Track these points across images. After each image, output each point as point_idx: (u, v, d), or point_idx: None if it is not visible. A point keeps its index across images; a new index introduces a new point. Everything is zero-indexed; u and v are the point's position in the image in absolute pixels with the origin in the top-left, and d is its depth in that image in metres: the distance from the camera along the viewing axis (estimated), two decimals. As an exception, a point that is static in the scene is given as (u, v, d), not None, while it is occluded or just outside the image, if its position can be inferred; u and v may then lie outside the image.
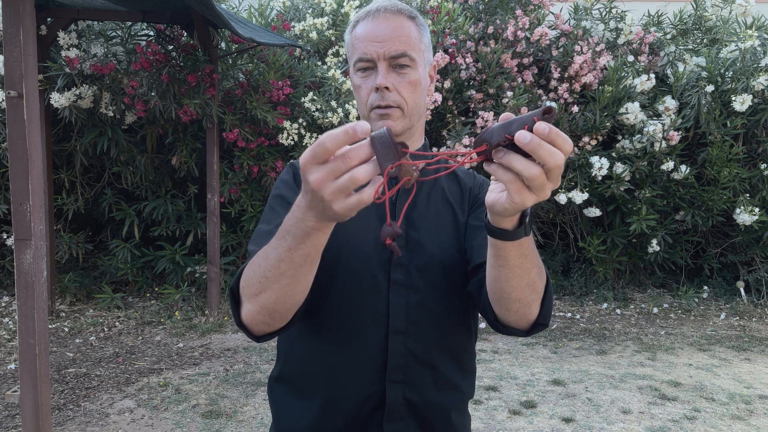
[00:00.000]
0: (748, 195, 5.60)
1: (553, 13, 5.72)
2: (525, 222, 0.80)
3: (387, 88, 1.04)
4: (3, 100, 4.52)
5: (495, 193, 0.75)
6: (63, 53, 4.43)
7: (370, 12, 1.07)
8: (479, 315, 1.10)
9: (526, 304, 0.91)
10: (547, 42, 5.35)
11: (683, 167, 5.45)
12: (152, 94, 4.70)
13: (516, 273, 0.85)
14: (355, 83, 1.09)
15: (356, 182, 0.64)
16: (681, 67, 5.68)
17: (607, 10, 5.87)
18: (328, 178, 0.65)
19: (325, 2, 5.49)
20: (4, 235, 5.32)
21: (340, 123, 4.90)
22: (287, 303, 0.86)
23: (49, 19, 4.54)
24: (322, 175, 0.65)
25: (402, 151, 0.65)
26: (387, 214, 0.71)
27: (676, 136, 5.27)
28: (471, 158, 0.71)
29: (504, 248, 0.82)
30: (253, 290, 0.86)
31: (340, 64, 5.27)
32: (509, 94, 5.15)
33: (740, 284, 5.98)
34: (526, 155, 0.67)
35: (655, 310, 5.57)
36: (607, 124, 5.29)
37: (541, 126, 0.65)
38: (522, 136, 0.65)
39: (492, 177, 0.75)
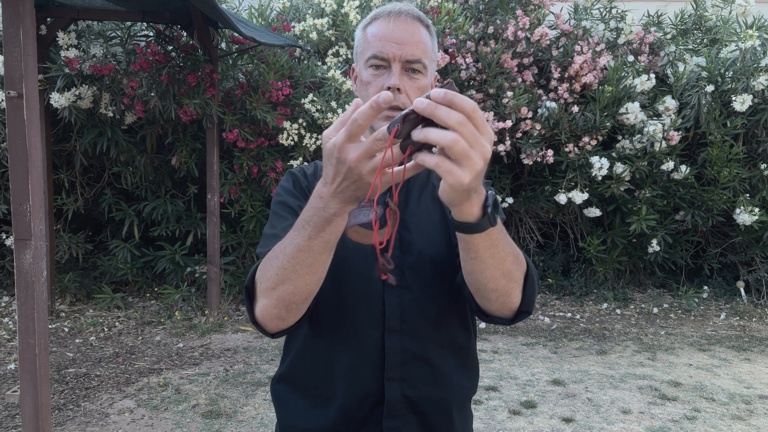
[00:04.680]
0: (748, 195, 5.60)
1: (553, 13, 5.72)
2: (488, 212, 0.79)
3: (399, 89, 1.06)
4: (3, 100, 4.52)
5: (441, 185, 0.76)
6: (62, 53, 4.43)
7: (392, 13, 1.08)
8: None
9: (505, 293, 0.92)
10: (548, 42, 5.35)
11: (683, 167, 5.45)
12: (152, 94, 4.70)
13: (489, 264, 0.86)
14: (365, 79, 1.10)
15: (388, 161, 0.69)
16: (681, 67, 5.68)
17: (607, 10, 5.87)
18: (365, 156, 0.70)
19: (325, 3, 5.49)
20: (4, 235, 5.32)
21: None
22: (304, 293, 0.89)
23: (48, 19, 4.54)
24: (360, 153, 0.70)
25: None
26: (378, 253, 0.74)
27: (676, 136, 5.27)
28: (400, 150, 0.71)
29: (472, 241, 0.82)
30: (270, 284, 0.89)
31: (340, 65, 5.27)
32: (509, 94, 5.15)
33: (740, 284, 5.98)
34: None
35: (655, 310, 5.57)
36: (607, 124, 5.29)
37: (435, 91, 0.67)
38: (419, 102, 0.67)
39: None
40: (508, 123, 5.09)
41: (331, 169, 0.73)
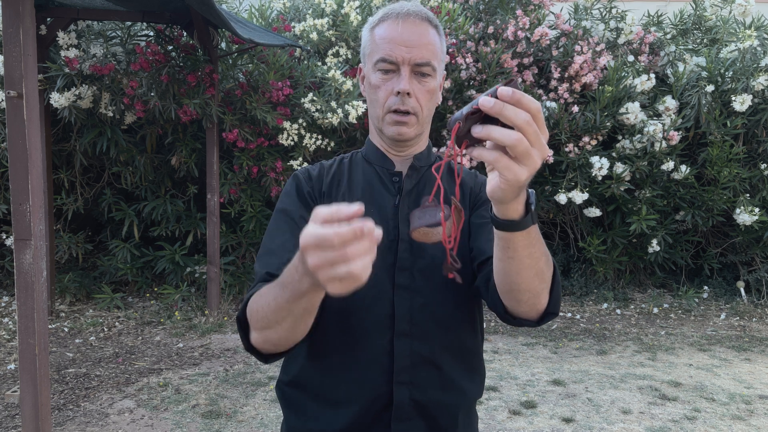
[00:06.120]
0: (748, 195, 5.60)
1: (553, 13, 5.72)
2: (531, 210, 0.80)
3: (408, 93, 1.05)
4: (3, 100, 4.52)
5: (491, 182, 0.76)
6: (62, 53, 4.43)
7: (400, 14, 1.07)
8: (485, 313, 1.11)
9: (536, 293, 0.91)
10: (548, 42, 5.35)
11: (683, 167, 5.45)
12: (152, 94, 4.70)
13: (525, 263, 0.86)
14: (374, 82, 1.09)
15: (352, 275, 0.65)
16: (681, 67, 5.68)
17: (607, 10, 5.87)
18: (325, 265, 0.66)
19: (325, 3, 5.49)
20: (4, 235, 5.32)
21: (340, 123, 4.90)
22: (290, 340, 0.91)
23: (48, 19, 4.54)
24: (320, 261, 0.66)
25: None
26: (447, 252, 0.78)
27: (676, 136, 5.27)
28: (455, 148, 0.72)
29: (513, 240, 0.82)
30: (259, 325, 0.91)
31: (340, 65, 5.27)
32: (509, 94, 5.15)
33: (740, 284, 5.98)
34: (504, 127, 0.68)
35: (656, 310, 5.57)
36: (608, 124, 5.29)
37: (503, 89, 0.66)
38: (485, 101, 0.66)
39: (487, 167, 0.77)
40: (508, 123, 5.08)
41: (299, 256, 0.73)
